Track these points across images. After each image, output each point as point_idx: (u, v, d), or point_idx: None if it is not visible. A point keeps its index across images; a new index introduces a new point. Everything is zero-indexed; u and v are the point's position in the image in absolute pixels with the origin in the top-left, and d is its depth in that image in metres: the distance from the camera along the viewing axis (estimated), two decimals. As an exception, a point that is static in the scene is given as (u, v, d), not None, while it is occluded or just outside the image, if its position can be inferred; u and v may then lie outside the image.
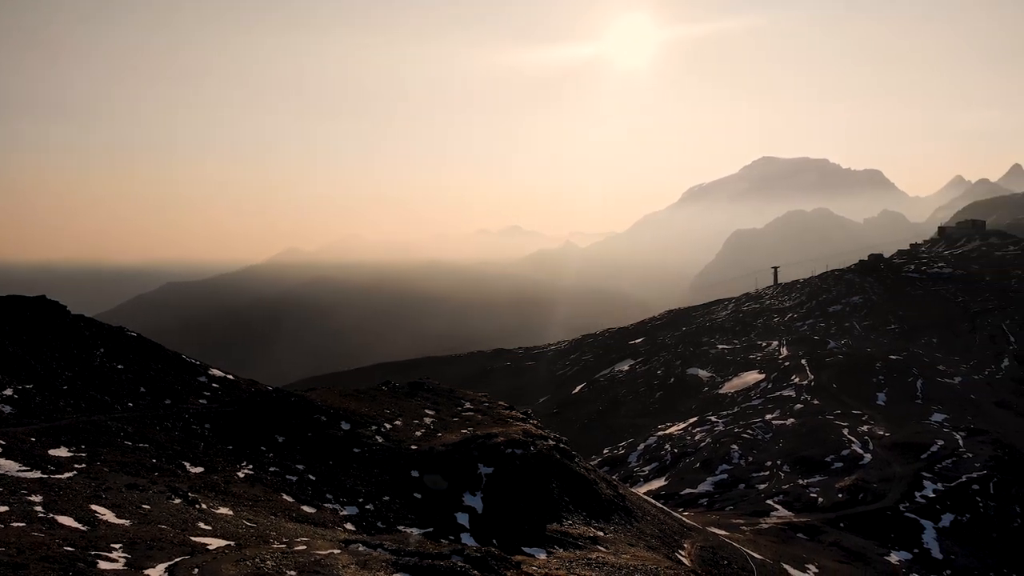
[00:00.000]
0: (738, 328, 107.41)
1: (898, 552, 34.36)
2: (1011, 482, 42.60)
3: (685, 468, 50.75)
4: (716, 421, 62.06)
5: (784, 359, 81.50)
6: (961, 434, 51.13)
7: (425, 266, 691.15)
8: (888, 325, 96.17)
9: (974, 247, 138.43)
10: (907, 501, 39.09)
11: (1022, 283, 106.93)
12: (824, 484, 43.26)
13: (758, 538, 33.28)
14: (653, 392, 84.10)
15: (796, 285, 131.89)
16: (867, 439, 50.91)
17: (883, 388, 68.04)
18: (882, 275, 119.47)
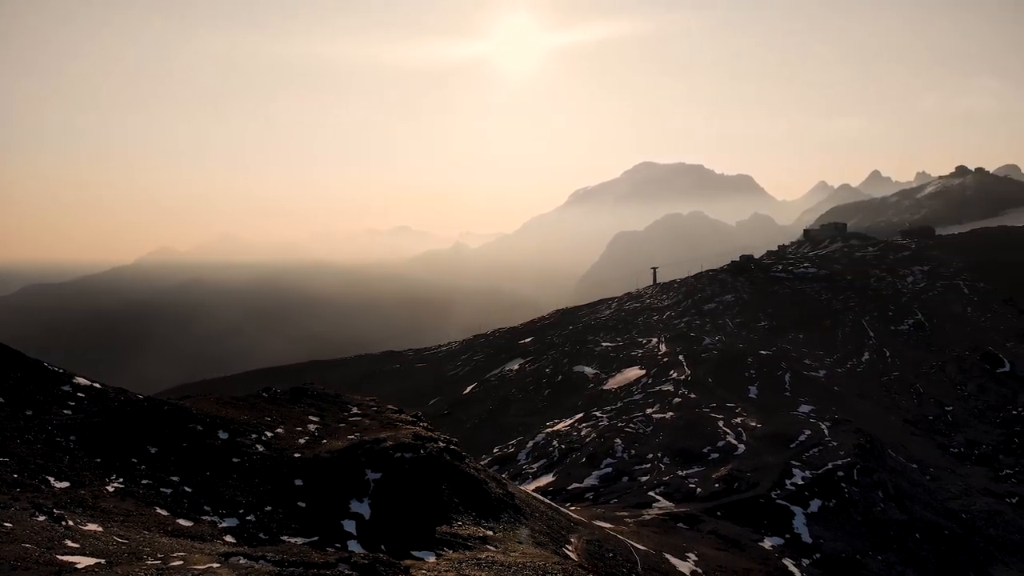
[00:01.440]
0: (621, 326, 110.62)
1: (771, 538, 36.32)
2: (873, 468, 45.89)
3: (572, 463, 51.73)
4: (601, 416, 63.62)
5: (663, 355, 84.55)
6: (827, 424, 54.69)
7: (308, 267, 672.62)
8: (758, 322, 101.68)
9: (836, 248, 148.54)
10: (778, 489, 41.38)
11: (880, 282, 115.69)
12: (702, 475, 45.20)
13: (641, 529, 34.35)
14: (542, 390, 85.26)
15: (674, 285, 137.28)
16: (741, 430, 53.59)
17: (754, 382, 71.79)
18: (752, 275, 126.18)
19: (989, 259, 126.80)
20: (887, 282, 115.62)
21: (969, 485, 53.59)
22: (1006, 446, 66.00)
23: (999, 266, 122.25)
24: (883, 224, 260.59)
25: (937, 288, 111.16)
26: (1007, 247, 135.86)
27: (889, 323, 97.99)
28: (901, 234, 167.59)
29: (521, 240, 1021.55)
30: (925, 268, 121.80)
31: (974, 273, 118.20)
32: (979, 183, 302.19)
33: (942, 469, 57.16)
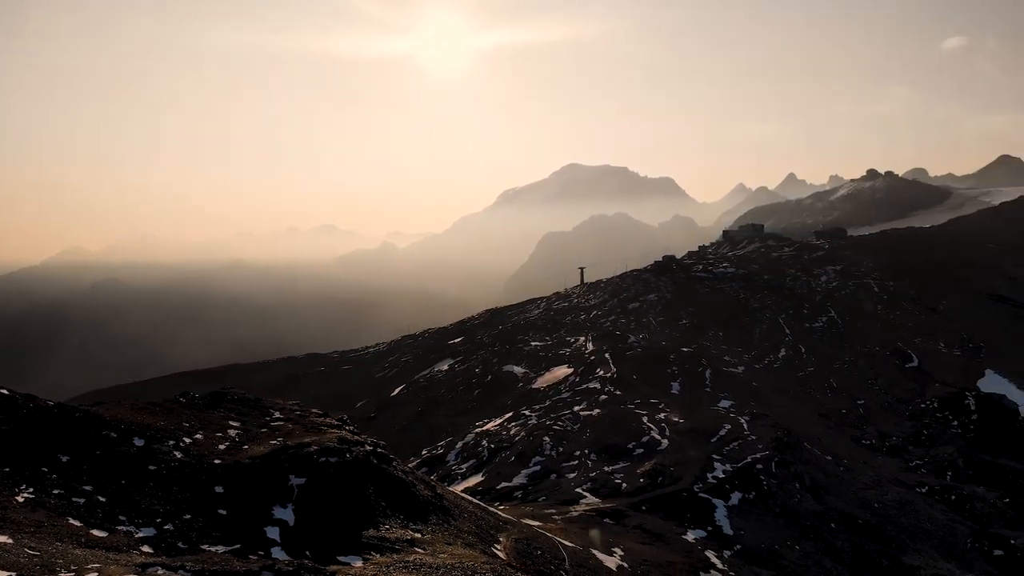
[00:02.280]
0: (550, 325, 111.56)
1: (694, 530, 37.26)
2: (790, 461, 47.59)
3: (501, 463, 51.86)
4: (530, 415, 64.01)
5: (590, 353, 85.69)
6: (745, 418, 56.45)
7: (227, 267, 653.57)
8: (680, 320, 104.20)
9: (754, 249, 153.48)
10: (700, 482, 42.48)
11: (796, 281, 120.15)
12: (627, 470, 46.02)
13: (569, 526, 34.71)
14: (471, 390, 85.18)
15: (601, 284, 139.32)
16: (664, 426, 54.81)
17: (677, 378, 73.53)
18: (674, 275, 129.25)
19: (898, 259, 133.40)
20: (802, 281, 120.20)
21: (881, 476, 56.19)
22: (915, 438, 69.57)
23: (907, 265, 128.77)
24: (798, 225, 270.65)
25: (849, 287, 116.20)
26: (914, 247, 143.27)
27: (804, 321, 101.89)
28: (815, 235, 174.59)
29: (450, 240, 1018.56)
30: (838, 268, 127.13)
31: (884, 272, 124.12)
32: (888, 186, 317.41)
33: (855, 460, 59.75)
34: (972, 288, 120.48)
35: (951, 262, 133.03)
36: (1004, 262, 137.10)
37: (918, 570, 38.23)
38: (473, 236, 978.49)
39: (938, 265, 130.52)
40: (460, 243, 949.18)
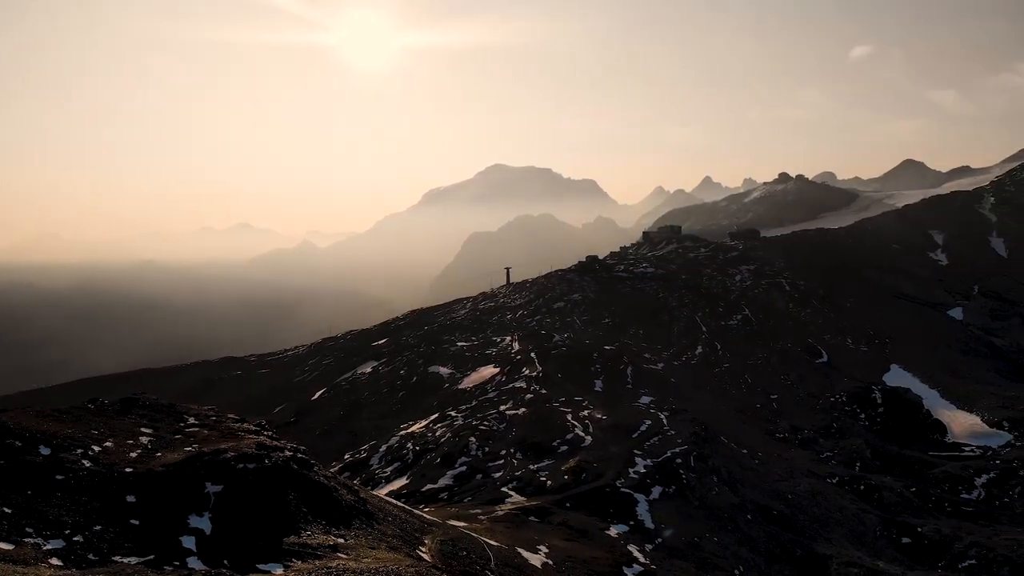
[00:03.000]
0: (476, 326, 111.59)
1: (617, 526, 37.90)
2: (708, 455, 48.97)
3: (426, 465, 51.58)
4: (456, 416, 63.87)
5: (516, 353, 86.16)
6: (665, 414, 57.82)
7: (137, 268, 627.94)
8: (603, 319, 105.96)
9: (672, 249, 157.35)
10: (623, 478, 43.24)
11: (712, 280, 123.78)
12: (552, 468, 46.46)
13: (494, 525, 34.78)
14: (396, 392, 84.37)
15: (526, 284, 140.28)
16: (588, 423, 55.60)
17: (600, 376, 74.73)
18: (598, 275, 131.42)
19: (808, 259, 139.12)
20: (718, 281, 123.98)
21: (794, 468, 58.48)
22: (826, 431, 72.71)
23: (816, 265, 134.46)
24: (714, 226, 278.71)
25: (762, 286, 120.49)
26: (823, 248, 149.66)
27: (720, 319, 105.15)
28: (730, 236, 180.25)
29: (373, 240, 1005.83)
30: (751, 268, 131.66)
31: (795, 272, 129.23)
32: (799, 189, 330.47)
33: (769, 453, 62.02)
34: (877, 286, 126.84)
35: (858, 262, 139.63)
36: (907, 262, 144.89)
37: (830, 559, 39.92)
38: (397, 236, 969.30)
39: (845, 265, 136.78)
40: (383, 243, 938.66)
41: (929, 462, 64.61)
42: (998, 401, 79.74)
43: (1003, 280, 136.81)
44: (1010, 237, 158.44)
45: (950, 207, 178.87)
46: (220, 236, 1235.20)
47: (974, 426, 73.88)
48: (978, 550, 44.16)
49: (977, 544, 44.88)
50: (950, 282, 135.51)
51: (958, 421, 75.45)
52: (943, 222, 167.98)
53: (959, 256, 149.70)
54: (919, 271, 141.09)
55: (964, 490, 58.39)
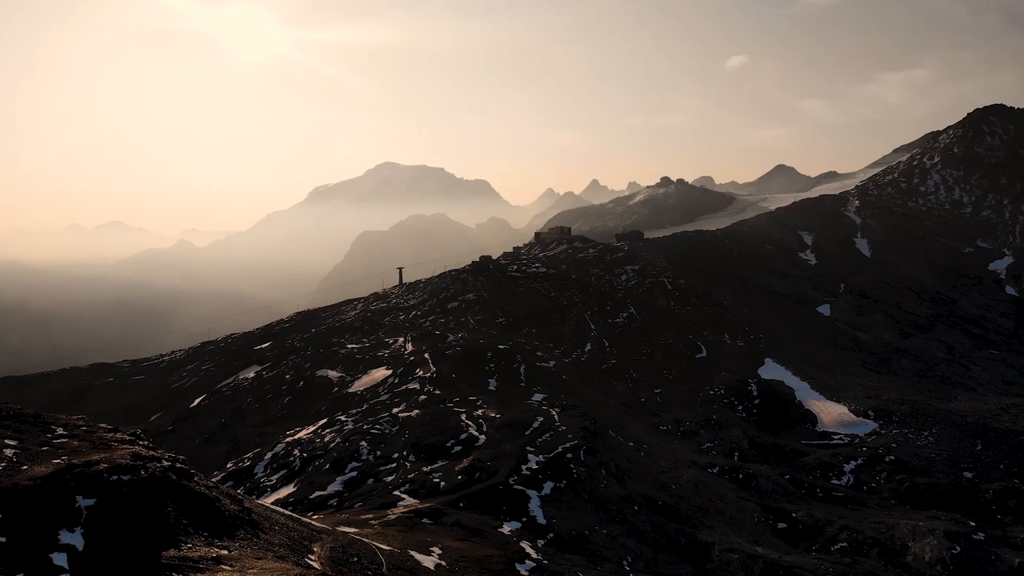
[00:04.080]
0: (367, 327, 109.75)
1: (510, 523, 38.13)
2: (597, 449, 50.07)
3: (315, 471, 50.24)
4: (346, 420, 62.54)
5: (410, 354, 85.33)
6: (557, 410, 58.74)
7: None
8: (497, 319, 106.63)
9: (562, 250, 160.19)
10: (515, 475, 43.58)
11: (600, 280, 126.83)
12: (446, 468, 46.25)
13: (387, 529, 34.25)
14: (282, 397, 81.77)
15: (419, 284, 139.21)
16: (482, 422, 55.73)
17: (494, 375, 75.13)
18: (491, 274, 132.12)
19: (688, 259, 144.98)
20: (605, 280, 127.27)
21: (677, 459, 60.71)
22: (706, 423, 75.90)
23: (696, 265, 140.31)
24: (601, 228, 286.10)
25: (646, 285, 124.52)
26: (702, 248, 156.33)
27: (607, 316, 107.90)
28: (616, 237, 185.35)
29: (256, 238, 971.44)
30: (636, 267, 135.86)
31: (676, 271, 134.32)
32: (680, 192, 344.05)
33: (654, 446, 64.15)
34: (752, 285, 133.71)
35: (734, 262, 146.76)
36: (779, 261, 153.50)
37: (712, 545, 41.64)
38: (281, 234, 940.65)
39: (723, 264, 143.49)
40: (267, 242, 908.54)
41: (802, 450, 68.58)
42: (864, 392, 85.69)
43: (867, 278, 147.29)
44: (873, 238, 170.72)
45: (818, 210, 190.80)
46: (89, 234, 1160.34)
47: (842, 415, 79.02)
48: (848, 533, 47.21)
49: (848, 527, 47.97)
50: (819, 281, 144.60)
51: (827, 411, 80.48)
52: (812, 224, 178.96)
53: (827, 256, 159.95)
54: (790, 270, 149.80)
55: (834, 476, 62.31)
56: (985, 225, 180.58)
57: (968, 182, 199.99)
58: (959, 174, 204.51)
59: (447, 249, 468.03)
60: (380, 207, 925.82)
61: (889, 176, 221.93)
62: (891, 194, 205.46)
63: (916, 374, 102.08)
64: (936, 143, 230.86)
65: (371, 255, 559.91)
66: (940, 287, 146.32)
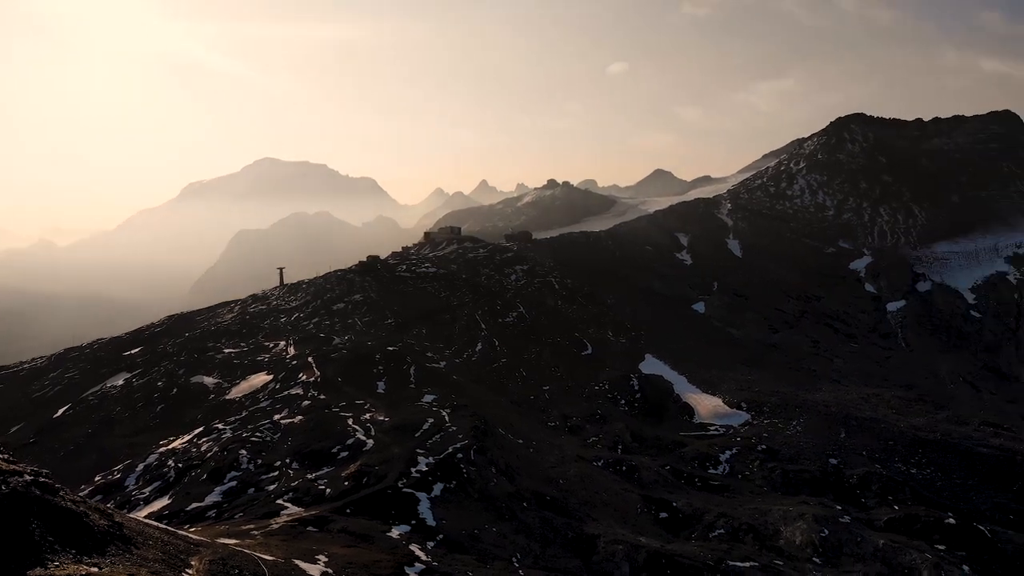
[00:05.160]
0: (245, 330, 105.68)
1: (399, 526, 37.71)
2: (487, 448, 50.29)
3: (191, 482, 47.94)
4: (224, 428, 59.98)
5: (292, 358, 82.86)
6: (447, 411, 58.60)
7: None
8: (385, 320, 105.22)
9: (452, 250, 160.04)
10: (405, 478, 43.15)
11: (490, 280, 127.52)
12: (331, 475, 45.20)
13: (270, 539, 33.13)
14: (154, 406, 77.52)
15: (302, 285, 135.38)
16: (369, 426, 54.83)
17: (382, 377, 74.09)
18: (379, 275, 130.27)
19: (573, 259, 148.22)
20: (495, 280, 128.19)
21: (565, 454, 61.91)
22: (591, 417, 77.81)
23: (581, 265, 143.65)
24: (491, 228, 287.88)
25: (535, 284, 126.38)
26: (587, 249, 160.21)
27: (497, 316, 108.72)
28: (506, 238, 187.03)
29: (125, 238, 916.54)
30: (525, 267, 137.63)
31: (563, 271, 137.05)
32: (565, 194, 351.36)
33: (543, 442, 65.17)
34: (633, 284, 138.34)
35: (616, 262, 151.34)
36: (657, 261, 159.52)
37: (598, 538, 42.72)
38: (152, 233, 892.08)
39: (606, 265, 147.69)
40: (136, 241, 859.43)
41: (681, 441, 71.52)
42: (737, 385, 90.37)
43: (739, 277, 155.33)
44: (744, 239, 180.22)
45: (693, 213, 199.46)
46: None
47: (717, 407, 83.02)
48: (725, 520, 49.61)
49: (724, 514, 50.40)
50: (694, 280, 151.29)
51: (704, 403, 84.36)
52: (688, 226, 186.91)
53: (701, 257, 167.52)
54: (668, 270, 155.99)
55: (711, 466, 65.34)
56: (846, 227, 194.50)
57: (831, 186, 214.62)
58: (823, 179, 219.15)
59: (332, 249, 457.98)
60: (259, 205, 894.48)
61: (758, 181, 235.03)
62: (760, 198, 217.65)
63: (784, 367, 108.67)
64: (802, 149, 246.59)
65: (249, 255, 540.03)
66: (805, 285, 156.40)
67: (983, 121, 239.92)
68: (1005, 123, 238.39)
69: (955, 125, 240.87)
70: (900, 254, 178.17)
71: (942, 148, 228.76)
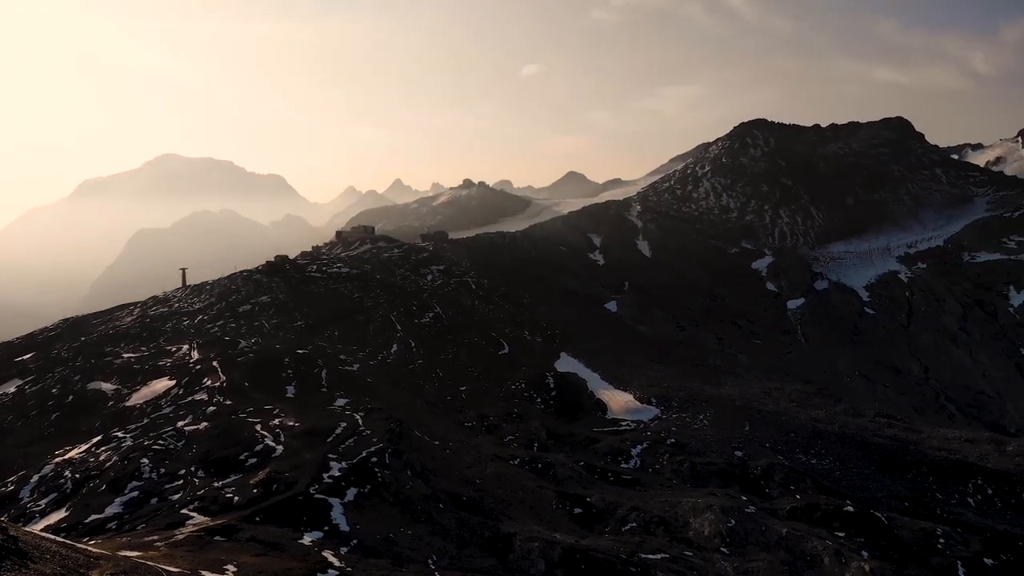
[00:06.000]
0: (146, 334, 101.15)
1: (311, 533, 36.86)
2: (402, 450, 49.77)
3: (90, 493, 45.56)
4: (124, 436, 57.26)
5: (196, 362, 79.89)
6: (361, 414, 57.68)
7: None
8: (295, 322, 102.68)
9: (366, 249, 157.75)
10: (317, 484, 42.23)
11: (405, 280, 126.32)
12: (239, 483, 43.82)
13: (175, 550, 31.83)
14: (48, 414, 73.29)
15: (206, 287, 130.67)
16: (279, 431, 53.41)
17: (292, 381, 72.30)
18: (288, 275, 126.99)
19: (490, 259, 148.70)
20: (411, 280, 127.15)
21: (481, 454, 61.91)
22: (508, 416, 78.15)
23: (498, 265, 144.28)
24: (406, 228, 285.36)
25: (451, 285, 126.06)
26: (503, 249, 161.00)
27: (413, 317, 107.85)
28: (421, 237, 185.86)
29: (14, 237, 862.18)
30: (441, 267, 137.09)
31: (479, 271, 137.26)
32: (481, 194, 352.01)
33: (460, 442, 65.00)
34: (548, 283, 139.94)
35: (532, 262, 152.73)
36: (571, 261, 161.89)
37: (514, 536, 42.91)
38: (44, 233, 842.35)
39: (522, 264, 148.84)
40: (27, 241, 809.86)
41: (594, 437, 72.70)
42: (647, 381, 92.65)
43: (648, 277, 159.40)
44: (652, 240, 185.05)
45: (605, 214, 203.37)
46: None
47: (629, 403, 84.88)
48: (637, 513, 50.66)
49: (636, 508, 51.48)
50: (606, 279, 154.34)
51: (615, 399, 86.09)
52: (600, 227, 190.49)
53: (613, 257, 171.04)
54: (582, 270, 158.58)
55: (623, 460, 66.65)
56: (748, 228, 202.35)
57: (734, 189, 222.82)
58: (727, 182, 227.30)
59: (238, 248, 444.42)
60: (160, 203, 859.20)
61: (666, 184, 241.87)
62: (668, 200, 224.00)
63: (692, 363, 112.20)
64: (707, 153, 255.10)
65: (149, 255, 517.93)
66: (711, 284, 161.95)
67: (876, 127, 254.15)
68: (897, 129, 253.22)
69: (851, 131, 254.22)
70: (799, 254, 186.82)
71: (838, 153, 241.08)
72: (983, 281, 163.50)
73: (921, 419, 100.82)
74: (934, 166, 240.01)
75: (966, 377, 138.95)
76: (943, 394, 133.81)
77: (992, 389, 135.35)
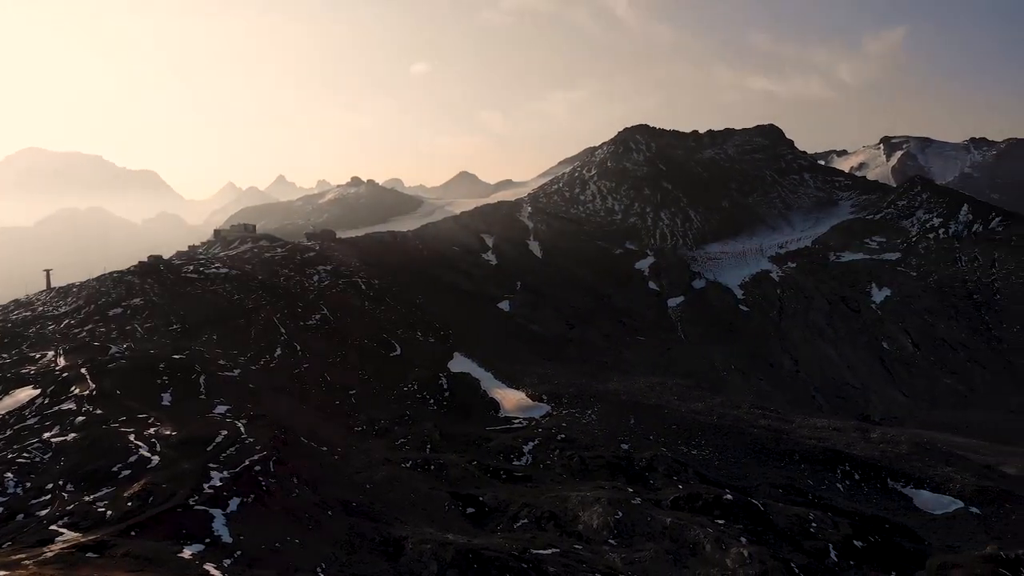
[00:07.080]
0: (7, 340, 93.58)
1: (191, 546, 35.18)
2: (288, 458, 48.30)
3: (-62, 516, 41.67)
4: (-21, 452, 52.73)
5: (63, 370, 74.58)
6: (243, 422, 55.50)
7: None
8: (170, 326, 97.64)
9: (247, 249, 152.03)
10: (197, 495, 40.34)
11: (290, 281, 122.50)
12: (112, 496, 41.31)
13: (43, 569, 29.65)
14: None
15: (73, 289, 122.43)
16: (155, 441, 50.67)
17: (168, 388, 68.71)
18: (162, 276, 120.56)
19: (381, 259, 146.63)
20: (296, 281, 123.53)
21: (371, 458, 60.99)
22: (400, 419, 77.36)
23: (389, 265, 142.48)
24: (290, 226, 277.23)
25: (340, 285, 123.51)
26: (395, 249, 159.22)
27: (299, 319, 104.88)
28: (307, 236, 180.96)
29: None
30: (328, 268, 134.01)
31: (370, 271, 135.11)
32: (371, 193, 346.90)
33: (349, 447, 63.83)
34: (441, 283, 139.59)
35: (424, 262, 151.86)
36: (464, 262, 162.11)
37: (406, 539, 42.52)
38: None
39: (415, 264, 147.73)
40: None
41: (487, 436, 73.12)
42: (538, 378, 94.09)
43: (539, 277, 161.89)
44: (543, 241, 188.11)
45: (497, 215, 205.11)
46: None
47: (521, 400, 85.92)
48: (529, 509, 51.30)
49: (528, 504, 52.12)
50: (499, 279, 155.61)
51: (508, 397, 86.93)
52: (492, 228, 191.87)
53: (505, 257, 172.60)
54: (475, 270, 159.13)
55: (515, 457, 67.36)
56: (632, 229, 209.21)
57: (619, 192, 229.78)
58: (611, 185, 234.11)
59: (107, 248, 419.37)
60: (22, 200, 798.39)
61: (555, 186, 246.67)
62: (557, 202, 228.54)
63: (580, 360, 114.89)
64: (593, 157, 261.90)
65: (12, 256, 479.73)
66: (598, 284, 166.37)
67: (750, 134, 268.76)
68: (768, 135, 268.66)
69: (726, 137, 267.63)
70: (679, 255, 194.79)
71: (714, 158, 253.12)
72: (847, 279, 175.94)
73: (793, 410, 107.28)
74: (803, 171, 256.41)
75: (833, 370, 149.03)
76: (813, 386, 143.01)
77: (857, 380, 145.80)
